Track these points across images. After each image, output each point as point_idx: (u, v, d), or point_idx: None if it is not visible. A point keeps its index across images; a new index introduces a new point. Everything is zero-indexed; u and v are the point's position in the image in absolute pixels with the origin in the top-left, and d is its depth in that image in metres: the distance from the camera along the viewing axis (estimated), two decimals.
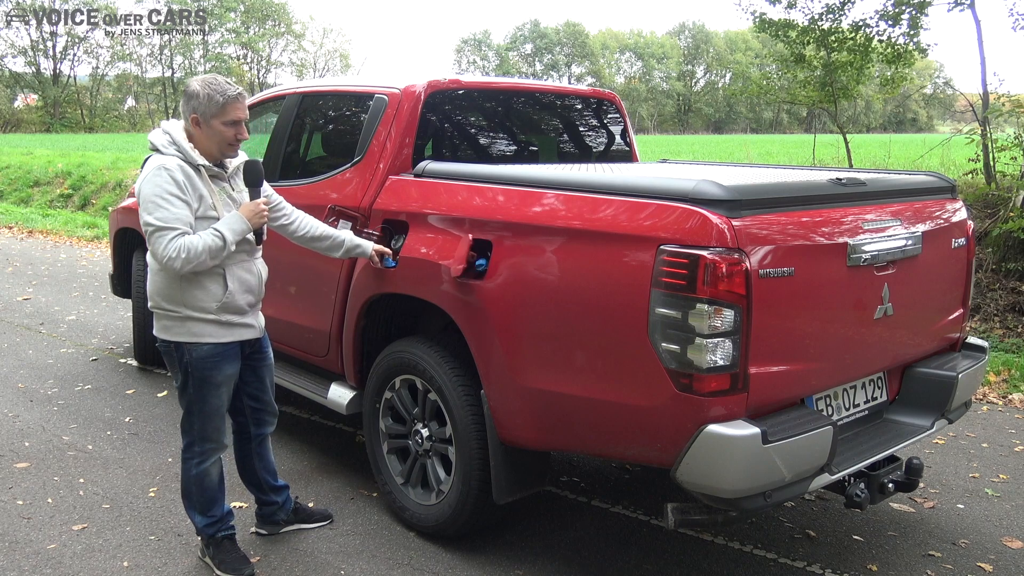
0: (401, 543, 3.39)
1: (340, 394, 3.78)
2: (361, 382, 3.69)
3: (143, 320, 5.61)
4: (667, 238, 2.47)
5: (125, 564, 3.21)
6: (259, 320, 3.11)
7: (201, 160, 2.82)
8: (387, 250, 3.34)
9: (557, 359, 2.80)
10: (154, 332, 2.98)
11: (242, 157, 3.03)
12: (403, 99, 3.67)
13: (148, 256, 2.87)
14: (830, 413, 2.93)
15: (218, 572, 3.09)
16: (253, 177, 2.96)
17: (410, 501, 3.46)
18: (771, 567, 3.25)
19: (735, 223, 2.44)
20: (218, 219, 2.83)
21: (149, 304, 2.95)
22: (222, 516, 3.16)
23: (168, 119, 3.01)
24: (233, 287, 2.89)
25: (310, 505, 3.63)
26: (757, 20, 10.38)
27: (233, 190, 2.97)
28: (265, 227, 3.00)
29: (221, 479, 3.16)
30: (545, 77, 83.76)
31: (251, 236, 2.92)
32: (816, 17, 9.91)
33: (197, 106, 2.79)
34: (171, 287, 2.86)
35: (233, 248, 2.82)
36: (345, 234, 3.30)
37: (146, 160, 2.93)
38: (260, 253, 3.07)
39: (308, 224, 3.24)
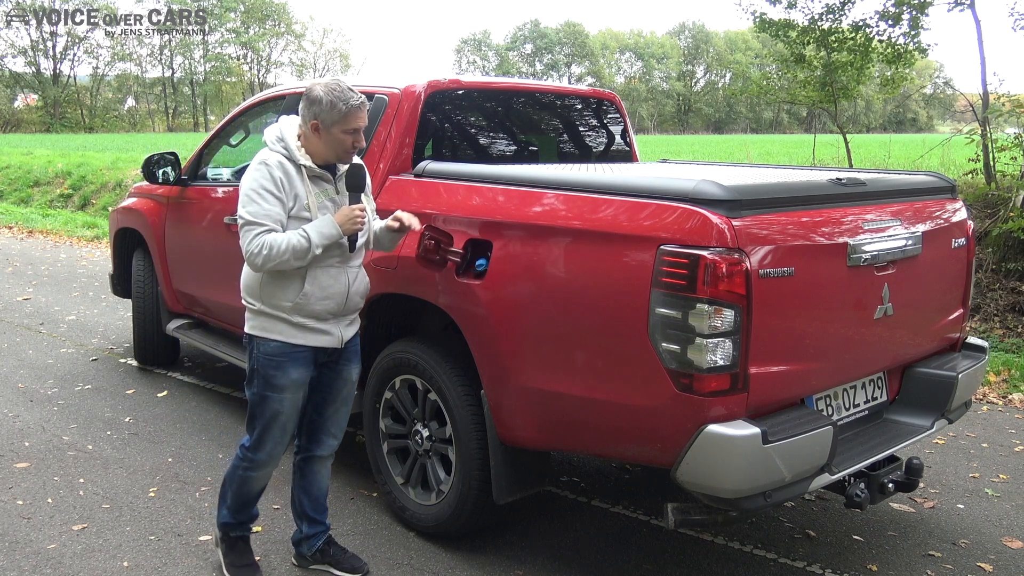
0: (401, 543, 3.39)
1: None
2: (361, 382, 3.68)
3: (143, 320, 5.61)
4: (667, 238, 2.47)
5: (125, 564, 3.21)
6: (342, 330, 2.94)
7: (303, 160, 2.77)
8: (402, 220, 2.94)
9: (557, 359, 2.80)
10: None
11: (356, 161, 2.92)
12: (403, 99, 3.67)
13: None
14: (830, 413, 2.93)
15: (226, 574, 3.07)
16: (354, 181, 2.85)
17: (410, 501, 3.46)
18: (771, 567, 3.25)
19: (735, 223, 2.44)
20: (311, 220, 2.76)
21: (241, 298, 2.93)
22: (246, 520, 3.09)
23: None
24: (310, 290, 2.79)
25: (347, 550, 3.24)
26: (757, 20, 10.37)
27: (338, 193, 2.87)
28: (363, 236, 2.91)
29: (260, 492, 3.07)
30: (545, 77, 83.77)
31: (344, 242, 2.81)
32: (816, 17, 9.91)
33: (319, 112, 2.72)
34: (253, 280, 2.84)
35: (318, 252, 2.73)
36: (376, 224, 3.03)
37: None
38: (358, 262, 2.96)
39: (374, 229, 3.03)
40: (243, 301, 2.91)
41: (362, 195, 2.90)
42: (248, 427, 2.95)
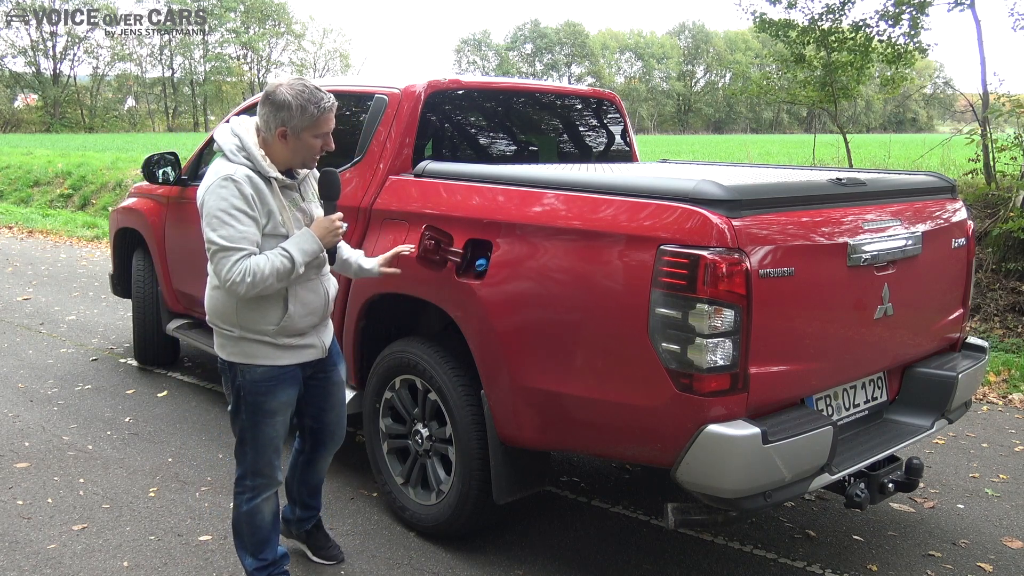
0: (401, 543, 3.39)
1: None
2: (361, 382, 3.69)
3: (143, 320, 5.62)
4: (667, 238, 2.47)
5: (125, 564, 3.21)
6: (323, 339, 2.82)
7: (274, 172, 2.56)
8: (401, 250, 2.96)
9: (557, 359, 2.80)
10: (215, 348, 2.78)
11: None
12: (403, 99, 3.67)
13: (209, 269, 2.61)
14: (830, 413, 2.93)
15: None
16: (330, 190, 2.68)
17: (410, 501, 3.46)
18: (771, 567, 3.25)
19: (735, 223, 2.44)
20: (287, 236, 2.58)
21: (207, 319, 2.74)
22: (275, 560, 2.91)
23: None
24: (294, 310, 2.64)
25: (330, 537, 3.28)
26: (757, 20, 10.37)
27: (302, 200, 2.71)
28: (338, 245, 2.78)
29: (275, 518, 2.90)
30: (545, 77, 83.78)
31: (323, 254, 2.68)
32: (816, 17, 9.91)
33: (287, 119, 2.52)
34: (227, 306, 2.63)
35: (302, 271, 2.57)
36: (352, 254, 2.98)
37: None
38: (328, 269, 2.83)
39: (364, 265, 2.98)
40: (214, 326, 2.71)
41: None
42: (239, 457, 2.80)
